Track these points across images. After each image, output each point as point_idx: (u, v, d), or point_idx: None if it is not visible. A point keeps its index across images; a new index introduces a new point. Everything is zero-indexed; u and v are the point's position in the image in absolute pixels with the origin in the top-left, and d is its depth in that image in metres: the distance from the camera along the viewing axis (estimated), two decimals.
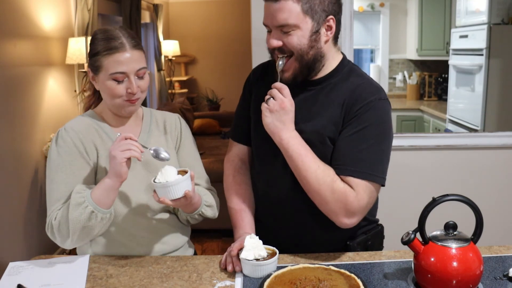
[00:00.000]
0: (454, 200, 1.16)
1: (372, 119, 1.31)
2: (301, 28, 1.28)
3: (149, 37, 6.36)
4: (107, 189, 1.30)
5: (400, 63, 5.44)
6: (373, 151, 1.31)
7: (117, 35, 1.35)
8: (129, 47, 1.34)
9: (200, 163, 1.57)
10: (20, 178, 3.01)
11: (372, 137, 1.31)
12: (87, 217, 1.29)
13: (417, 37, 4.97)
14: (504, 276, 1.23)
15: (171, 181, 1.27)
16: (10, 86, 2.91)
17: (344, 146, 1.32)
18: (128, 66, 1.33)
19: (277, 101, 1.30)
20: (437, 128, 4.55)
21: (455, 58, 4.10)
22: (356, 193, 1.28)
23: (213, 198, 1.52)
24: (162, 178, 1.28)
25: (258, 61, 2.19)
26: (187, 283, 1.26)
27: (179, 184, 1.28)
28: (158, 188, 1.29)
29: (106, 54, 1.33)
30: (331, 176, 1.29)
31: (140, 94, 1.38)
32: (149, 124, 1.52)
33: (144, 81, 1.38)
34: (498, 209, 2.40)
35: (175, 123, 1.55)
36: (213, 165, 3.72)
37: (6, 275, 1.33)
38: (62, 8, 3.64)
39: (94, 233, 1.35)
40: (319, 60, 1.34)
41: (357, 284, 1.17)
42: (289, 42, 1.30)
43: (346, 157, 1.31)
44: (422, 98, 5.27)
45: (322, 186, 1.28)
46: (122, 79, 1.34)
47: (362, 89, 1.34)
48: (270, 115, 1.31)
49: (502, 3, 3.50)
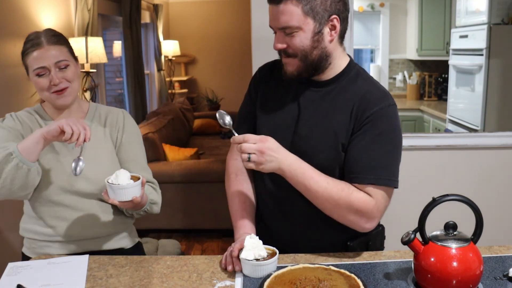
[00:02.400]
0: (454, 200, 1.16)
1: (384, 126, 1.32)
2: (303, 29, 1.28)
3: (149, 37, 6.36)
4: (30, 139, 1.34)
5: (400, 63, 5.44)
6: (389, 157, 1.33)
7: (37, 36, 1.47)
8: (46, 43, 1.45)
9: (143, 156, 1.65)
10: None
11: (387, 143, 1.33)
12: (5, 159, 1.31)
13: (417, 37, 4.97)
14: (504, 276, 1.23)
15: (122, 184, 1.34)
16: (10, 86, 2.91)
17: (359, 154, 1.32)
18: (45, 60, 1.44)
19: (255, 151, 1.26)
20: (437, 128, 4.55)
21: (455, 58, 4.10)
22: (375, 201, 1.31)
23: (158, 194, 1.60)
24: (115, 180, 1.34)
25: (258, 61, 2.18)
26: (187, 283, 1.26)
27: (128, 189, 1.34)
28: (109, 188, 1.36)
29: (27, 53, 1.46)
30: (345, 189, 1.31)
31: (66, 83, 1.47)
32: (91, 118, 1.60)
33: (68, 71, 1.47)
34: (498, 209, 2.40)
35: (117, 117, 1.62)
36: (213, 165, 3.72)
37: (6, 275, 1.33)
38: (62, 8, 3.64)
39: (16, 183, 1.35)
40: (324, 59, 1.35)
41: (357, 284, 1.17)
42: (292, 44, 1.30)
43: (364, 166, 1.32)
44: (422, 98, 5.27)
45: (339, 201, 1.30)
46: (43, 73, 1.45)
47: (371, 95, 1.35)
48: (263, 164, 1.27)
49: (502, 3, 3.49)
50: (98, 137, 1.57)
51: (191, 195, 3.72)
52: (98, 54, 3.54)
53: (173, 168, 3.69)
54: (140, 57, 5.40)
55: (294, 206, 1.42)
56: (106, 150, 1.57)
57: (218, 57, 7.22)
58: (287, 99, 1.43)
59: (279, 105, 1.44)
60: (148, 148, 3.73)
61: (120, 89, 5.65)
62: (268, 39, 2.32)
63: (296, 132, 1.39)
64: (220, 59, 7.21)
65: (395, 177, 1.34)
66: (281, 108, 1.43)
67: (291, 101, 1.42)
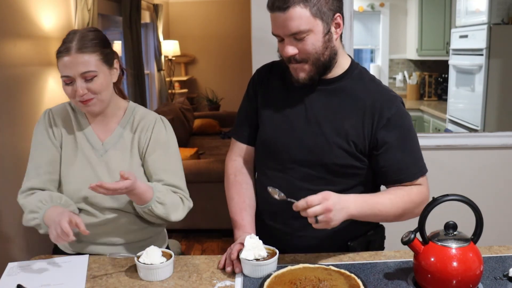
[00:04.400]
0: (454, 200, 1.16)
1: (407, 123, 1.40)
2: (314, 31, 1.29)
3: (149, 37, 6.36)
4: (54, 216, 1.36)
5: (400, 63, 5.44)
6: (418, 148, 1.42)
7: (70, 39, 1.40)
8: (75, 50, 1.37)
9: (174, 163, 1.54)
10: (20, 178, 2.99)
11: (413, 137, 1.41)
12: (34, 224, 1.44)
13: (417, 37, 4.97)
14: (504, 276, 1.23)
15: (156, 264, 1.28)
16: (10, 86, 2.91)
17: (399, 156, 1.38)
18: (72, 70, 1.38)
19: (322, 211, 1.20)
20: (437, 128, 4.55)
21: (455, 58, 4.10)
22: (426, 187, 1.41)
23: (173, 198, 1.49)
24: (147, 259, 1.30)
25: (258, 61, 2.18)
26: (187, 283, 1.26)
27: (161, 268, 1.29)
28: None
29: (58, 57, 1.40)
30: (404, 194, 1.36)
31: (90, 95, 1.41)
32: (125, 124, 1.54)
33: (95, 83, 1.40)
34: (498, 209, 2.40)
35: (149, 124, 1.52)
36: (213, 165, 3.72)
37: (6, 275, 1.33)
38: (62, 8, 3.64)
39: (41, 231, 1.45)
40: (333, 57, 1.37)
41: (357, 284, 1.17)
42: (304, 48, 1.30)
43: (408, 163, 1.38)
44: (422, 98, 5.27)
45: (405, 207, 1.36)
46: (69, 82, 1.40)
47: (383, 96, 1.39)
48: (332, 221, 1.23)
49: (502, 3, 3.50)
50: (125, 146, 1.51)
51: (191, 195, 3.69)
52: None
53: None
54: (140, 57, 5.40)
55: None
56: (130, 161, 1.50)
57: (218, 57, 7.22)
58: (291, 99, 1.43)
59: (283, 105, 1.44)
60: None
61: None
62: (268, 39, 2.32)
63: (304, 130, 1.39)
64: (220, 59, 7.21)
65: (425, 165, 1.43)
66: (286, 108, 1.43)
67: (296, 100, 1.42)
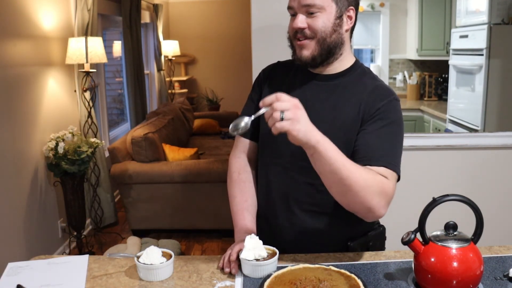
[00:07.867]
0: (454, 200, 1.16)
1: (394, 117, 1.35)
2: (326, 10, 1.32)
3: (149, 37, 6.37)
4: None
5: (400, 63, 5.44)
6: (397, 147, 1.34)
7: None
8: None
9: None
10: (20, 178, 3.01)
11: (396, 134, 1.35)
12: None
13: (417, 37, 4.97)
14: (504, 277, 1.23)
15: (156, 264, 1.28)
16: (10, 86, 2.91)
17: (373, 139, 1.31)
18: None
19: (290, 107, 1.12)
20: (437, 128, 4.55)
21: (455, 58, 4.11)
22: (391, 183, 1.27)
23: None
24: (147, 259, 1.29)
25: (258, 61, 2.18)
26: (187, 283, 1.26)
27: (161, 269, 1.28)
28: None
29: None
30: (369, 170, 1.25)
31: None
32: None
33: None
34: (498, 209, 2.40)
35: None
36: (213, 165, 3.72)
37: (5, 275, 1.33)
38: (62, 8, 3.64)
39: None
40: (339, 46, 1.37)
41: (357, 284, 1.17)
42: (314, 24, 1.33)
43: (376, 149, 1.30)
44: (422, 98, 5.27)
45: (368, 181, 1.21)
46: None
47: (379, 90, 1.38)
48: (299, 121, 1.12)
49: (502, 3, 3.50)
50: None
51: (191, 195, 3.72)
52: (98, 54, 3.54)
53: (173, 168, 3.68)
54: (140, 57, 5.40)
55: (297, 204, 1.42)
56: None
57: (218, 57, 7.22)
58: (293, 93, 1.42)
59: None
60: (148, 148, 3.77)
61: (120, 89, 5.65)
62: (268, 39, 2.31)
63: None
64: (220, 59, 7.22)
65: (399, 167, 1.32)
66: None
67: (297, 95, 1.41)
